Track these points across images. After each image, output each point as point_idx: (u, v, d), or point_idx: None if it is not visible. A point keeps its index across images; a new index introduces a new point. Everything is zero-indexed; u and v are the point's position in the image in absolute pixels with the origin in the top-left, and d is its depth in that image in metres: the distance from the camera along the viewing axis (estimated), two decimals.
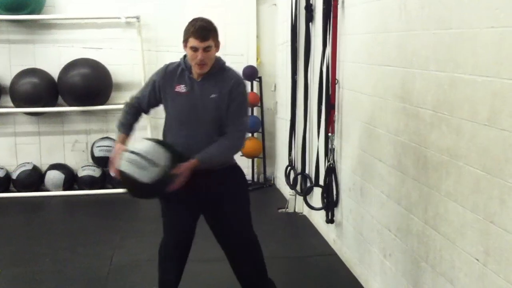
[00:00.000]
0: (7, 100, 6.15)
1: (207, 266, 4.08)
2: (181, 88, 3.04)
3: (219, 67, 3.07)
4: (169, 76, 3.09)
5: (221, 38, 3.06)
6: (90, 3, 6.26)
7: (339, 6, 4.13)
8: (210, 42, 2.94)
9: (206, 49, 2.93)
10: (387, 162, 3.40)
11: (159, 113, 3.27)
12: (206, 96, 3.02)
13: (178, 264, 3.25)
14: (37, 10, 6.05)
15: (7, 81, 6.13)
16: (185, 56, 3.09)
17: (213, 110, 3.02)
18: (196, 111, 3.02)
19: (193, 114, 3.03)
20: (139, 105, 3.21)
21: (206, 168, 2.97)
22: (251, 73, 6.24)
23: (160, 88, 3.11)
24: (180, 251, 3.24)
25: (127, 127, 3.20)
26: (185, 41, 2.97)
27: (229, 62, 3.18)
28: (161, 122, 3.20)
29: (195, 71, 3.02)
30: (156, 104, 3.20)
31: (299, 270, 4.22)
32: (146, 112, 3.26)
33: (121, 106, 3.29)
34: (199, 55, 2.93)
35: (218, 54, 3.09)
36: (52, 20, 6.24)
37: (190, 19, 3.02)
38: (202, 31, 2.92)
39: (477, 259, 2.43)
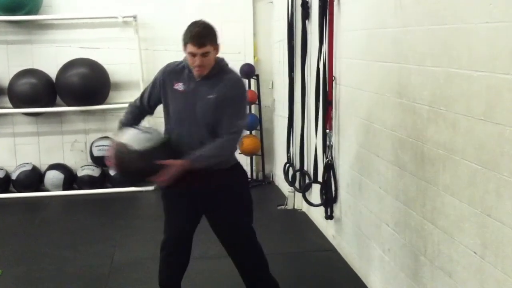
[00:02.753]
0: (6, 100, 6.17)
1: (209, 263, 4.12)
2: (179, 86, 3.03)
3: (220, 68, 3.03)
4: (169, 73, 3.10)
5: (218, 36, 3.02)
6: (87, 3, 6.26)
7: (335, 3, 4.14)
8: (208, 48, 2.90)
9: (204, 55, 2.91)
10: (385, 157, 3.42)
11: (158, 112, 3.26)
12: (203, 97, 2.99)
13: (178, 263, 3.24)
14: (34, 10, 6.05)
15: (5, 81, 6.14)
16: None
17: (209, 111, 2.98)
18: (192, 111, 3.01)
19: (189, 113, 3.02)
20: (141, 103, 3.22)
21: (204, 170, 2.94)
22: (249, 71, 6.26)
23: (161, 85, 3.11)
24: (179, 250, 3.23)
25: (126, 126, 3.15)
26: (184, 45, 2.94)
27: (226, 60, 3.15)
28: (160, 120, 3.19)
29: (194, 73, 3.01)
30: (158, 102, 3.18)
31: (298, 266, 4.24)
32: (149, 111, 3.24)
33: (120, 106, 3.30)
34: (197, 60, 2.91)
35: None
36: (49, 20, 6.25)
37: (190, 22, 2.97)
38: (200, 38, 2.88)
39: (474, 252, 2.45)
